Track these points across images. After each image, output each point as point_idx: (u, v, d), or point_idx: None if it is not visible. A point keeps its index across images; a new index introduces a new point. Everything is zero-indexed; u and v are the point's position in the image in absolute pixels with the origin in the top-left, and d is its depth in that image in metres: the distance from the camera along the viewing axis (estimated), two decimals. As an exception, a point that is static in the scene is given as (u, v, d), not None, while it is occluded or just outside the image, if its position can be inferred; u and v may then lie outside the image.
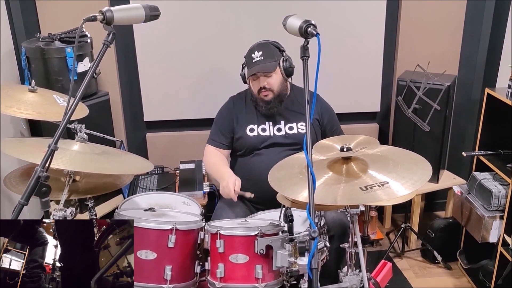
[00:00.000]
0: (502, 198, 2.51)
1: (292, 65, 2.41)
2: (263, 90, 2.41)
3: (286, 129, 2.48)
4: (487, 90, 2.63)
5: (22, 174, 2.11)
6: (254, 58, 2.40)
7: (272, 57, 2.39)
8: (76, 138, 1.95)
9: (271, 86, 2.41)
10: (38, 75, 2.57)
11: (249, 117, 2.52)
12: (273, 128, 2.49)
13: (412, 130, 2.93)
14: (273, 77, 2.40)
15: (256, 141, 2.48)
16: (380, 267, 2.08)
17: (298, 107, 2.49)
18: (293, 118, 2.50)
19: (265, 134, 2.48)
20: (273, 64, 2.39)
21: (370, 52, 3.13)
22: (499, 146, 2.66)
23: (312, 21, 1.50)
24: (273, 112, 2.47)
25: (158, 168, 3.04)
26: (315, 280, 1.28)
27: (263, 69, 2.38)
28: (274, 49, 2.43)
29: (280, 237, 1.72)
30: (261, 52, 2.39)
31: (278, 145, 2.47)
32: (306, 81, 1.48)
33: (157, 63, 3.03)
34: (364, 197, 1.55)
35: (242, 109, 2.55)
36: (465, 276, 2.89)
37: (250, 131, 2.50)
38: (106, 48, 1.51)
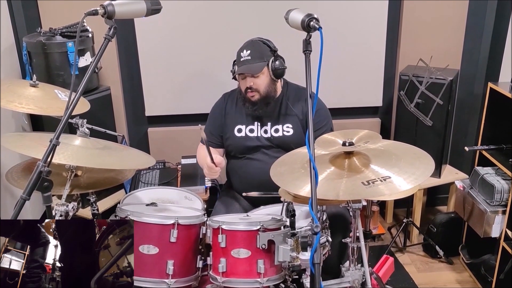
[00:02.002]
0: (505, 193, 2.51)
1: (282, 67, 2.33)
2: (249, 91, 2.35)
3: (271, 132, 2.41)
4: (489, 85, 2.62)
5: (24, 169, 2.11)
6: (242, 57, 2.34)
7: (261, 58, 2.31)
8: (78, 133, 1.95)
9: (258, 87, 2.33)
10: (40, 69, 2.57)
11: (238, 117, 2.47)
12: (260, 129, 2.44)
13: (414, 125, 2.92)
14: (260, 78, 2.33)
15: (243, 142, 2.44)
16: (382, 262, 2.08)
17: (286, 108, 2.42)
18: (279, 120, 2.43)
19: (252, 135, 2.43)
20: (260, 65, 2.31)
21: (372, 46, 3.11)
22: (502, 140, 2.65)
23: (314, 15, 1.50)
24: (259, 114, 2.41)
25: (160, 163, 3.04)
26: (317, 275, 1.28)
27: (248, 70, 2.31)
28: (265, 48, 2.35)
29: (282, 231, 1.72)
30: (249, 52, 2.32)
31: (265, 147, 2.41)
32: (308, 76, 1.47)
33: (159, 57, 3.02)
34: (366, 191, 1.55)
35: (232, 108, 2.51)
36: (467, 270, 2.89)
37: (238, 132, 2.46)
38: (108, 42, 1.50)
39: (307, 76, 1.47)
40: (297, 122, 2.40)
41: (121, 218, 1.80)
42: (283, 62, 2.35)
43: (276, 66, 2.31)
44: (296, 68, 2.41)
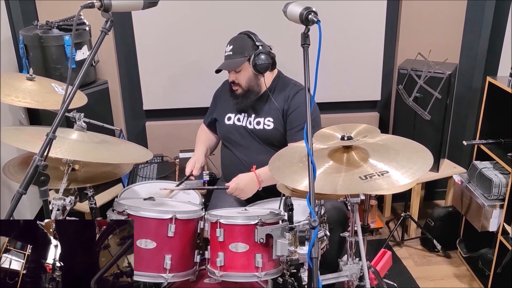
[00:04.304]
0: (503, 187, 2.51)
1: (264, 62, 2.31)
2: (232, 84, 2.42)
3: (254, 124, 2.45)
4: (488, 79, 2.62)
5: (21, 163, 2.10)
6: (225, 51, 2.39)
7: (242, 53, 2.33)
8: (75, 127, 1.94)
9: (239, 81, 2.38)
10: (36, 63, 2.55)
11: (230, 105, 2.52)
12: (246, 120, 2.48)
13: (412, 119, 2.91)
14: (241, 73, 2.36)
15: (229, 130, 2.50)
16: (379, 256, 2.08)
17: (270, 102, 2.42)
18: (262, 113, 2.44)
19: (239, 124, 2.48)
20: (239, 61, 2.33)
21: (371, 40, 3.10)
22: (500, 135, 2.65)
23: (313, 8, 1.48)
24: (243, 107, 2.45)
25: (158, 157, 3.03)
26: (315, 269, 1.27)
27: (226, 66, 2.37)
28: (248, 43, 2.36)
29: (280, 226, 1.72)
30: (231, 47, 2.36)
31: (248, 139, 2.46)
32: (306, 69, 1.46)
33: (157, 51, 3.01)
34: (365, 186, 1.54)
35: (227, 95, 2.55)
36: (464, 264, 2.90)
37: (227, 120, 2.52)
38: (104, 35, 1.49)
39: (305, 70, 1.46)
40: (279, 116, 2.41)
41: (119, 212, 1.80)
42: (268, 56, 2.33)
43: (257, 61, 2.31)
44: (293, 62, 2.41)
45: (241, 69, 2.35)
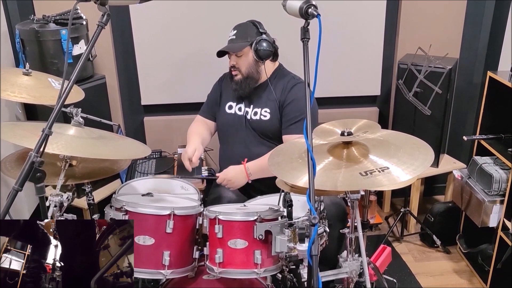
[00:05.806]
0: (503, 182, 2.50)
1: (267, 48, 2.32)
2: (232, 69, 2.43)
3: (251, 114, 2.46)
4: (489, 74, 2.60)
5: (18, 159, 2.08)
6: (229, 36, 2.42)
7: (244, 38, 2.37)
8: (72, 122, 1.92)
9: (239, 66, 2.40)
10: (33, 58, 2.53)
11: (231, 94, 2.52)
12: (244, 109, 2.49)
13: (412, 114, 2.90)
14: (242, 58, 2.38)
15: (228, 119, 2.51)
16: (379, 252, 2.07)
17: (269, 93, 2.42)
18: (260, 104, 2.45)
19: (240, 114, 2.49)
20: (241, 45, 2.36)
21: (370, 34, 3.08)
22: (500, 130, 2.64)
23: (312, 1, 1.46)
24: (241, 94, 2.46)
25: (156, 153, 3.02)
26: (315, 266, 1.26)
27: (229, 48, 2.40)
28: (252, 29, 2.39)
29: (279, 222, 1.71)
30: (235, 31, 2.41)
31: (246, 129, 2.46)
32: (306, 64, 1.45)
33: (155, 46, 2.98)
34: (364, 182, 1.53)
35: (228, 85, 2.55)
36: (464, 260, 2.90)
37: (228, 108, 2.52)
38: (101, 29, 1.47)
39: (305, 64, 1.45)
40: (276, 108, 2.41)
41: (117, 209, 1.78)
42: (270, 45, 2.35)
43: (259, 47, 2.32)
44: (294, 56, 2.39)
45: (242, 53, 2.37)
